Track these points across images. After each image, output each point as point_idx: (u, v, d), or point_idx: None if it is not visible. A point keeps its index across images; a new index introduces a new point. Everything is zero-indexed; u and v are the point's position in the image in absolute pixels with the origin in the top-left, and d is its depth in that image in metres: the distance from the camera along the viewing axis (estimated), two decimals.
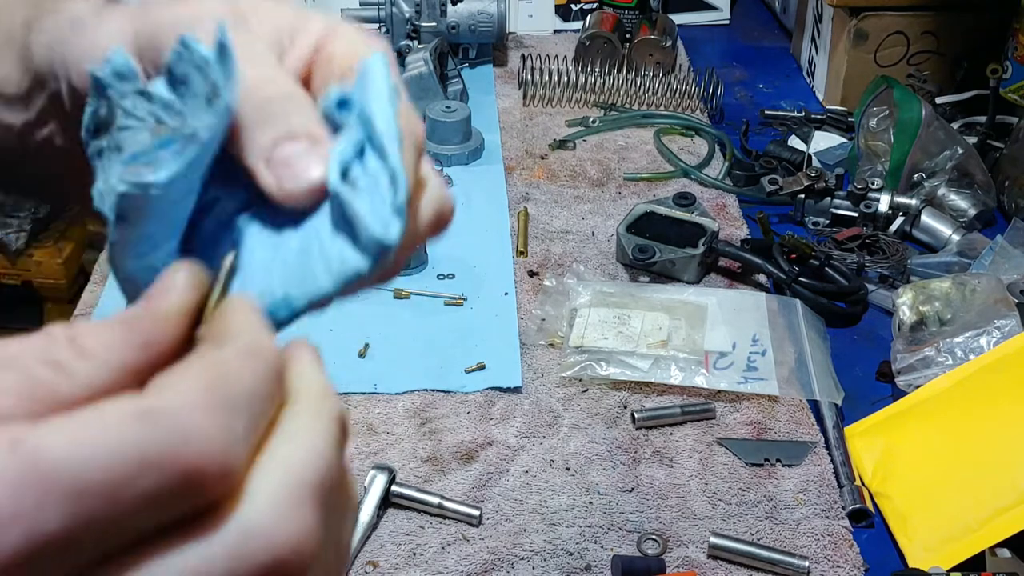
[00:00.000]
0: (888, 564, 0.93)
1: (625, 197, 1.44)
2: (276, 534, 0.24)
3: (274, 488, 0.25)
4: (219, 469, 0.23)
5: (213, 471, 0.23)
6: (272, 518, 0.24)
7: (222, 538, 0.24)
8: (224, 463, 0.23)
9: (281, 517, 0.24)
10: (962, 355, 1.06)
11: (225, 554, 0.23)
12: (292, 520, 0.24)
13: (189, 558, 0.23)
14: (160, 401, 0.24)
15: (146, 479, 0.22)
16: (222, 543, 0.24)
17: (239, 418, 0.24)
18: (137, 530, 0.23)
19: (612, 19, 1.79)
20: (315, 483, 0.25)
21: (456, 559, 0.92)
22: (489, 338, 1.16)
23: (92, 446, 0.22)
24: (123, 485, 0.22)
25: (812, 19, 1.77)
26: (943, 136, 1.38)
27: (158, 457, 0.23)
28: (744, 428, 1.06)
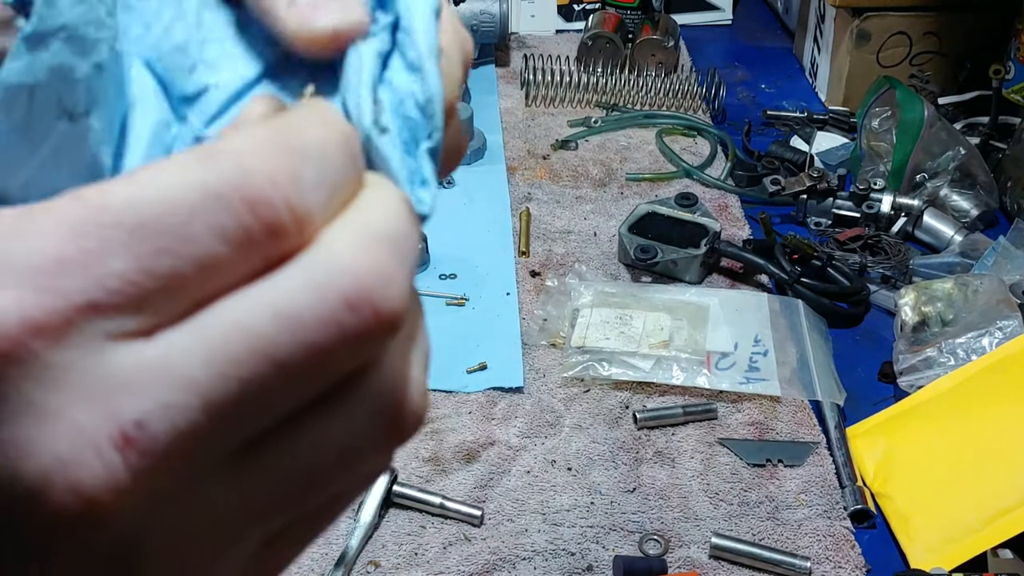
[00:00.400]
0: (890, 565, 0.93)
1: (627, 197, 1.44)
2: (357, 265, 0.23)
3: (353, 234, 0.23)
4: (287, 208, 0.22)
5: (281, 209, 0.22)
6: (353, 254, 0.23)
7: (300, 270, 0.22)
8: (292, 203, 0.22)
9: (362, 254, 0.23)
10: (964, 356, 1.06)
11: (305, 283, 0.22)
12: (373, 258, 0.23)
13: (268, 291, 0.22)
14: (221, 144, 0.23)
15: (210, 212, 0.21)
16: (301, 274, 0.22)
17: (307, 166, 0.23)
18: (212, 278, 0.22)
19: (614, 19, 1.79)
20: (397, 239, 0.24)
21: (458, 559, 0.92)
22: (491, 338, 1.16)
23: (152, 186, 0.21)
24: (186, 218, 0.21)
25: (814, 19, 1.77)
26: (945, 137, 1.38)
27: (218, 187, 0.21)
28: (746, 428, 1.06)
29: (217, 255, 0.22)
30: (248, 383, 0.22)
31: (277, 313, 0.22)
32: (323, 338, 0.22)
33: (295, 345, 0.22)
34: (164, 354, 0.21)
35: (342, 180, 0.24)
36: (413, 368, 0.25)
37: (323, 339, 0.22)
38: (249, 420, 0.22)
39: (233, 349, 0.22)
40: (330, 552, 0.92)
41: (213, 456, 0.22)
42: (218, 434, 0.22)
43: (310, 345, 0.22)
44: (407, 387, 0.25)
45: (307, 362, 0.22)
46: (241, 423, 0.22)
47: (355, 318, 0.22)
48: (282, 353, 0.22)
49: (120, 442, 0.21)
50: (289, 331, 0.22)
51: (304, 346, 0.22)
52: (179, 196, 0.21)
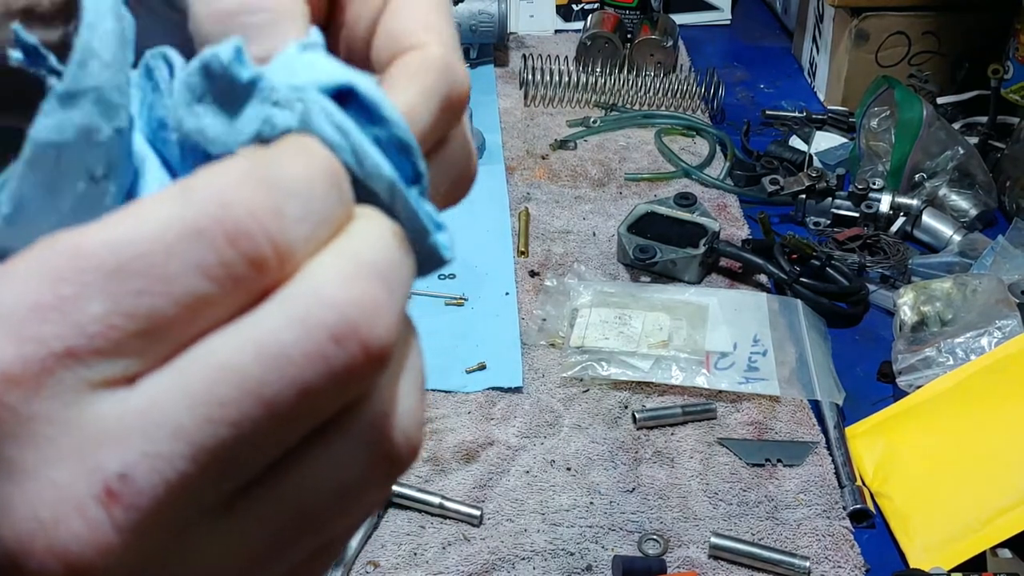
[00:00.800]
0: (889, 564, 0.93)
1: (626, 197, 1.44)
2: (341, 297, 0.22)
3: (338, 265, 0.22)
4: (268, 242, 0.21)
5: (262, 242, 0.21)
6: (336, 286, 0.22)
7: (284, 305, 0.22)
8: (273, 236, 0.21)
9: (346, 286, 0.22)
10: (963, 355, 1.06)
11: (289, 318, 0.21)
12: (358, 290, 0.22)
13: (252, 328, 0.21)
14: (199, 179, 0.22)
15: (189, 248, 0.21)
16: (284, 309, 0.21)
17: (288, 198, 0.22)
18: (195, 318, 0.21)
19: (613, 19, 1.79)
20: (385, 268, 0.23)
21: (457, 559, 0.92)
22: (490, 338, 1.16)
23: (128, 226, 0.21)
24: (164, 257, 0.21)
25: (813, 19, 1.77)
26: (944, 136, 1.38)
27: (196, 222, 0.21)
28: (745, 428, 1.06)
29: (198, 293, 0.21)
30: (236, 426, 0.21)
31: (262, 351, 0.21)
32: (310, 375, 0.21)
33: (282, 383, 0.21)
34: (147, 400, 0.21)
35: (327, 212, 0.23)
36: (405, 397, 0.24)
37: (310, 376, 0.21)
38: (240, 465, 0.22)
39: (219, 391, 0.21)
40: None
41: (205, 505, 0.22)
42: (209, 482, 0.21)
43: (297, 382, 0.21)
44: (399, 418, 0.24)
45: (296, 400, 0.21)
46: (232, 468, 0.21)
47: (342, 353, 0.21)
48: (269, 392, 0.21)
49: (104, 498, 0.20)
50: (275, 369, 0.21)
51: (291, 383, 0.21)
52: (156, 234, 0.21)
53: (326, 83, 0.24)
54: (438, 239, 0.26)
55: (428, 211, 0.26)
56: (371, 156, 0.24)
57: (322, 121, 0.24)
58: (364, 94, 0.24)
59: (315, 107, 0.24)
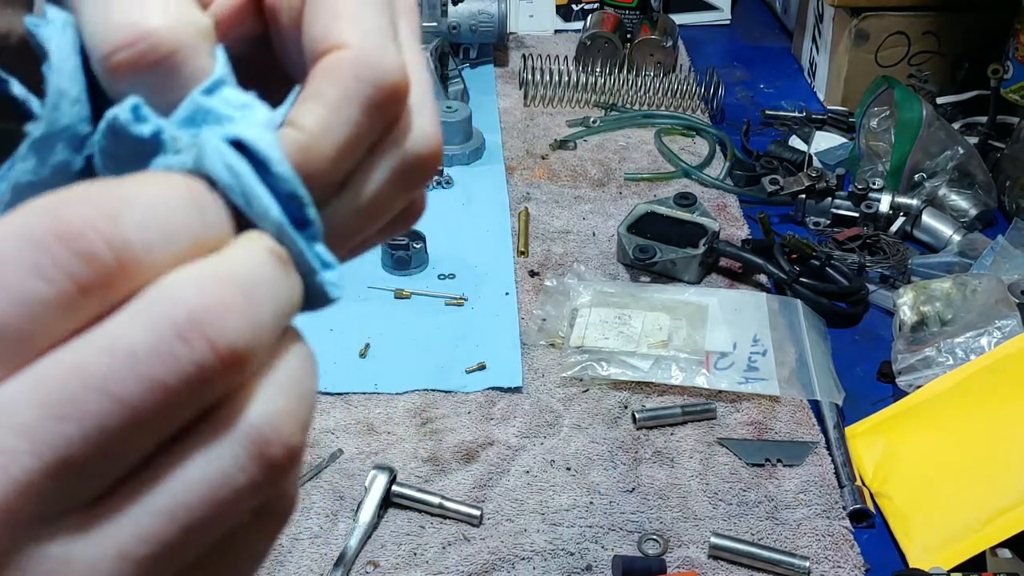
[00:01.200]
0: (889, 564, 0.93)
1: (626, 197, 1.44)
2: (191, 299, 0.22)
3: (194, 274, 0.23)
4: (104, 243, 0.22)
5: (96, 243, 0.21)
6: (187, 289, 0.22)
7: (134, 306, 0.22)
8: (109, 238, 0.22)
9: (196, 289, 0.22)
10: (963, 355, 1.06)
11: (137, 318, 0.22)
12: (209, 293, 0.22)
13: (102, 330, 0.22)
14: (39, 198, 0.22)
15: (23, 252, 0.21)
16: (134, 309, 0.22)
17: (127, 207, 0.22)
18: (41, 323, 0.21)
19: (613, 19, 1.79)
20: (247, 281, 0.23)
21: (457, 559, 0.92)
22: (490, 338, 1.16)
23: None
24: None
25: (813, 19, 1.77)
26: (944, 136, 1.38)
27: (29, 229, 0.21)
28: (745, 428, 1.06)
29: (39, 294, 0.21)
30: (85, 424, 0.21)
31: (109, 349, 0.21)
32: (159, 371, 0.21)
33: (130, 380, 0.21)
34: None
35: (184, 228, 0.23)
36: (277, 398, 0.24)
37: (159, 373, 0.21)
38: (98, 465, 0.21)
39: (68, 389, 0.21)
40: (329, 552, 0.92)
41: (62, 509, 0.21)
42: (61, 483, 0.21)
43: (146, 379, 0.21)
44: (272, 417, 0.24)
45: (147, 398, 0.21)
46: (89, 468, 0.21)
47: (189, 350, 0.22)
48: (118, 389, 0.21)
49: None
50: (123, 367, 0.21)
51: (139, 380, 0.21)
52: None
53: (222, 135, 0.25)
54: (325, 277, 0.27)
55: (317, 251, 0.26)
56: (259, 199, 0.25)
57: (215, 162, 0.25)
58: (253, 147, 0.25)
59: (209, 149, 0.25)
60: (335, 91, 0.27)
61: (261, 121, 0.26)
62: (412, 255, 1.26)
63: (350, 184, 0.28)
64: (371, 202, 0.29)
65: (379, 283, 1.24)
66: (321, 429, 1.04)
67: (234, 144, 0.25)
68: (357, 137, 0.27)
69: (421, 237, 1.28)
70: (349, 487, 0.98)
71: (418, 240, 1.27)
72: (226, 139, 0.25)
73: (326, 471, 1.00)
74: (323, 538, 0.93)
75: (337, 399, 1.08)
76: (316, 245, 0.26)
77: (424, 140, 0.29)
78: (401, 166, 0.29)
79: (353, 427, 1.05)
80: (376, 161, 0.29)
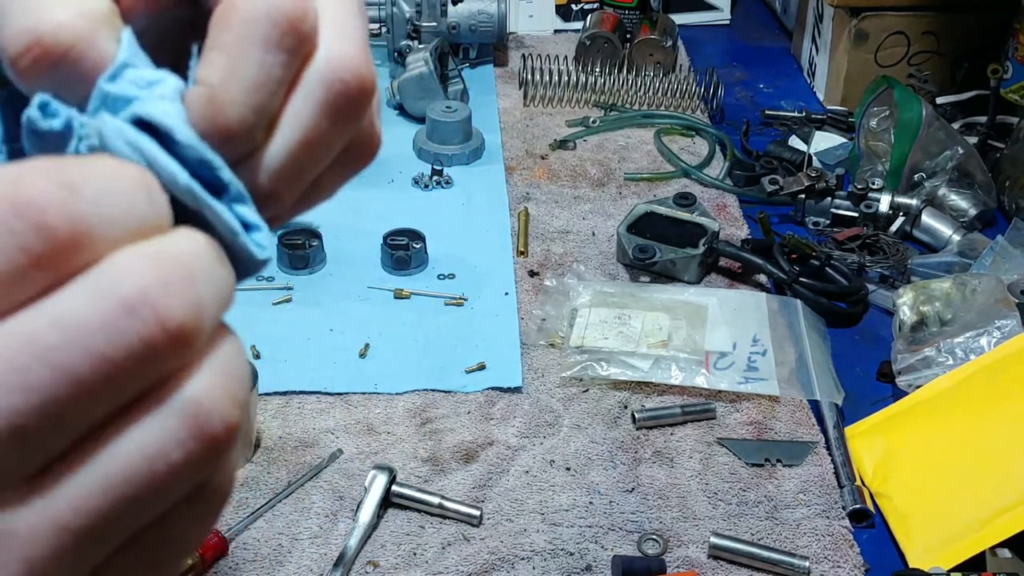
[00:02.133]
0: (888, 564, 0.93)
1: (625, 197, 1.44)
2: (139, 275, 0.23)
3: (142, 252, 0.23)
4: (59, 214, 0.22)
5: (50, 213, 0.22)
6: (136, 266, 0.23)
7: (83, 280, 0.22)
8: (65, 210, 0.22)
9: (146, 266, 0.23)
10: (963, 355, 1.06)
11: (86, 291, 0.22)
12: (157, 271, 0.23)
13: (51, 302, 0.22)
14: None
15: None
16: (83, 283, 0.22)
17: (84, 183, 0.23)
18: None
19: (612, 19, 1.79)
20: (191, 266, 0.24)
21: (456, 559, 0.92)
22: (489, 338, 1.16)
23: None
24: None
25: (812, 19, 1.77)
26: (943, 136, 1.38)
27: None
28: (744, 428, 1.06)
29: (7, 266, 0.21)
30: (33, 393, 0.21)
31: (58, 320, 0.22)
32: (105, 344, 0.22)
33: (79, 351, 0.22)
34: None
35: (132, 207, 0.24)
36: (216, 377, 0.25)
37: (105, 345, 0.22)
38: (43, 436, 0.22)
39: (15, 358, 0.21)
40: (329, 552, 0.92)
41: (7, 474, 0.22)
42: (7, 454, 0.21)
43: (93, 351, 0.22)
44: (210, 393, 0.24)
45: (94, 369, 0.22)
46: (33, 439, 0.22)
47: (136, 323, 0.22)
48: (65, 360, 0.21)
49: None
50: (71, 338, 0.22)
51: (86, 352, 0.22)
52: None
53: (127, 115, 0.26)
54: (249, 239, 0.27)
55: (237, 212, 0.27)
56: (164, 167, 0.26)
57: (117, 140, 0.25)
58: (156, 123, 0.26)
59: (108, 129, 0.25)
60: (230, 36, 0.27)
61: (167, 94, 0.27)
62: (412, 255, 1.26)
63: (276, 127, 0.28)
64: (304, 141, 0.29)
65: (379, 283, 1.24)
66: (321, 429, 1.04)
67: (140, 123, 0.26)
68: (265, 77, 0.27)
69: (421, 237, 1.28)
70: (349, 487, 0.98)
71: (418, 240, 1.27)
72: (128, 119, 0.26)
73: (326, 471, 1.00)
74: (323, 538, 0.93)
75: (337, 399, 1.08)
76: (238, 207, 0.27)
77: (343, 63, 0.29)
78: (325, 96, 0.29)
79: (353, 427, 1.05)
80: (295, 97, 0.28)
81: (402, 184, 1.45)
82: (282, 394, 1.08)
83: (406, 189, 1.44)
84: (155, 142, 0.26)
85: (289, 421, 1.05)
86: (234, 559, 0.91)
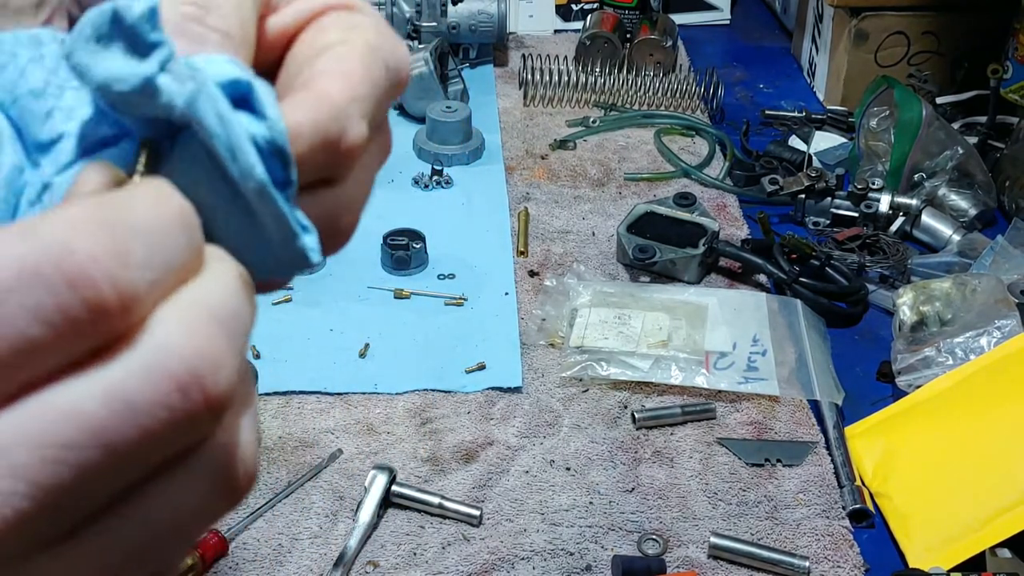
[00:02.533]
0: (888, 564, 0.93)
1: (625, 197, 1.44)
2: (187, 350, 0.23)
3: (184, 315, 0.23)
4: (111, 287, 0.21)
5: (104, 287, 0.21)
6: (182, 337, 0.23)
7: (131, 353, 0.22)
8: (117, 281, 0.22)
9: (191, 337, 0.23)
10: (963, 355, 1.06)
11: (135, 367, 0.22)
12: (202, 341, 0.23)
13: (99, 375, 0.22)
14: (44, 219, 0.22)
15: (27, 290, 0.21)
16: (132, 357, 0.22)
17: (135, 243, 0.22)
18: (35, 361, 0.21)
19: (612, 19, 1.79)
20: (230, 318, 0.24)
21: (456, 559, 0.92)
22: (489, 338, 1.16)
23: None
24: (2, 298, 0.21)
25: (812, 19, 1.77)
26: (943, 136, 1.38)
27: (36, 264, 0.21)
28: (744, 428, 1.06)
29: (36, 337, 0.21)
30: (79, 467, 0.21)
31: (109, 397, 0.22)
32: (154, 421, 0.22)
33: (127, 429, 0.22)
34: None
35: (176, 258, 0.23)
36: (244, 433, 0.25)
37: (154, 422, 0.22)
38: (81, 502, 0.22)
39: (64, 433, 0.21)
40: (329, 552, 0.92)
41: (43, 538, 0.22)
42: (48, 517, 0.22)
43: (142, 428, 0.22)
44: (239, 453, 0.25)
45: (139, 444, 0.22)
46: (73, 506, 0.22)
47: (185, 401, 0.22)
48: (114, 437, 0.22)
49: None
50: (121, 415, 0.22)
51: (136, 429, 0.22)
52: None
53: (222, 78, 0.25)
54: (305, 242, 0.27)
55: (297, 215, 0.26)
56: (245, 154, 0.25)
57: (208, 109, 0.24)
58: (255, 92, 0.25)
59: (205, 93, 0.24)
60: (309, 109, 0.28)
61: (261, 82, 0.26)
62: (412, 255, 1.26)
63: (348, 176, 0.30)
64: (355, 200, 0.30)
65: (379, 283, 1.24)
66: (321, 429, 1.04)
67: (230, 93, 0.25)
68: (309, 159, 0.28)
69: (421, 237, 1.28)
70: (349, 487, 0.98)
71: (418, 240, 1.27)
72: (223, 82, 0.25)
73: (326, 471, 1.00)
74: (323, 538, 0.93)
75: (337, 399, 1.08)
76: (295, 208, 0.26)
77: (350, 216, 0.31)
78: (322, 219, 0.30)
79: (353, 427, 1.05)
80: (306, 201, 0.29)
81: (402, 184, 1.45)
82: (282, 394, 1.08)
83: (406, 189, 1.44)
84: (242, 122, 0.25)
85: (289, 421, 1.05)
86: (234, 559, 0.91)
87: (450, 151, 1.49)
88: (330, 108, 0.28)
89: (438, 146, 1.50)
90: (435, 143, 1.50)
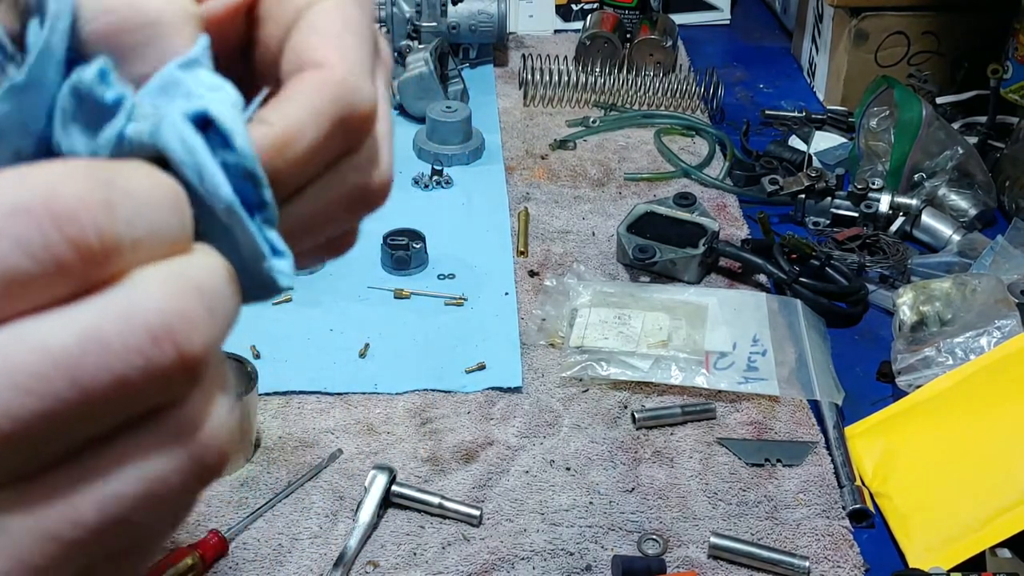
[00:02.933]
0: (888, 564, 0.93)
1: (625, 197, 1.44)
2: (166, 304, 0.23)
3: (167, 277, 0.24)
4: (95, 230, 0.22)
5: (88, 228, 0.22)
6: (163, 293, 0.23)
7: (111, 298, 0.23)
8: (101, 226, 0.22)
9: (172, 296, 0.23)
10: (962, 355, 1.06)
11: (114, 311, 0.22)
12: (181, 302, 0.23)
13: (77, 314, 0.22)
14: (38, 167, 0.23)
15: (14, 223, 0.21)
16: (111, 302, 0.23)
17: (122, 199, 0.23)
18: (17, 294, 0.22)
19: (612, 19, 1.79)
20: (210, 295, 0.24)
21: (456, 559, 0.92)
22: (489, 338, 1.16)
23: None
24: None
25: (813, 19, 1.77)
26: (943, 136, 1.38)
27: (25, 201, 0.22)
28: (744, 428, 1.06)
29: (21, 269, 0.22)
30: (47, 400, 0.22)
31: (83, 336, 0.22)
32: (126, 366, 0.22)
33: (98, 371, 0.22)
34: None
35: (162, 230, 0.24)
36: (218, 409, 0.25)
37: (126, 367, 0.22)
38: (46, 441, 0.22)
39: (38, 363, 0.22)
40: (329, 552, 0.92)
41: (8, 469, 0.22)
42: (14, 448, 0.22)
43: (113, 370, 0.22)
44: (210, 427, 0.25)
45: (109, 388, 0.22)
46: (38, 442, 0.22)
47: (158, 352, 0.23)
48: (85, 376, 0.22)
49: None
50: (94, 355, 0.22)
51: (108, 372, 0.22)
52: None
53: (186, 109, 0.26)
54: (273, 264, 0.27)
55: (268, 237, 0.27)
56: (212, 176, 0.25)
57: (171, 135, 0.25)
58: (218, 121, 0.26)
59: (167, 123, 0.25)
60: (311, 100, 0.28)
61: (230, 102, 0.26)
62: (412, 255, 1.26)
63: (302, 194, 0.29)
64: (317, 216, 0.30)
65: (379, 283, 1.24)
66: (321, 429, 1.04)
67: (197, 122, 0.25)
68: (321, 148, 0.28)
69: (421, 237, 1.28)
70: (349, 487, 0.98)
71: (418, 240, 1.27)
72: (189, 114, 0.25)
73: (326, 471, 1.00)
74: (323, 538, 0.93)
75: (337, 399, 1.08)
76: (268, 230, 0.27)
77: (380, 174, 0.31)
78: (354, 190, 0.31)
79: (353, 427, 1.05)
80: (331, 179, 0.30)
81: (402, 184, 1.45)
82: (282, 394, 1.08)
83: (406, 189, 1.44)
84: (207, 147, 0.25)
85: (289, 421, 1.05)
86: (234, 559, 0.91)
87: (450, 151, 1.49)
88: (333, 89, 0.28)
89: (438, 146, 1.50)
90: (435, 143, 1.50)
